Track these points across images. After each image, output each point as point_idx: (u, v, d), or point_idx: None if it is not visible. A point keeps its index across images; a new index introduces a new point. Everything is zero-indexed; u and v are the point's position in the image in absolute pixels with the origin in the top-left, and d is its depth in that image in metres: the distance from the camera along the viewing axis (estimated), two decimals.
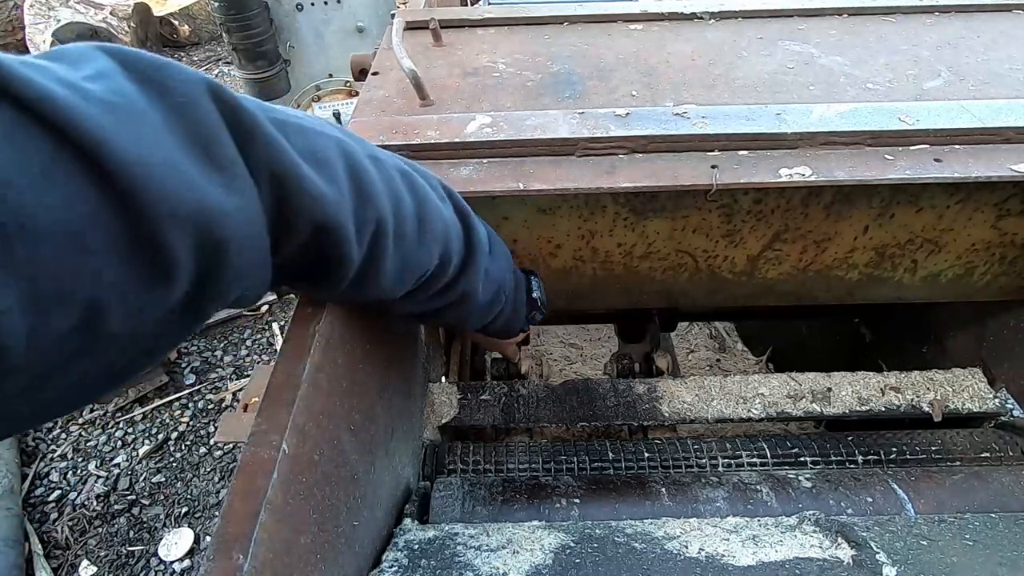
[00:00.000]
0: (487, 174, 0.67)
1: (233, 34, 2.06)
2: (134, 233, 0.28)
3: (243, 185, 0.33)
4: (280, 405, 0.44)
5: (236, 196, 0.32)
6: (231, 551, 0.35)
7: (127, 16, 3.91)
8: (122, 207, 0.27)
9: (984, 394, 0.85)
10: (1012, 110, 0.70)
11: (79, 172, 0.25)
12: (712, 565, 0.54)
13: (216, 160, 0.31)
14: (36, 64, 0.27)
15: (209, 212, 0.30)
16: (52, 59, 0.29)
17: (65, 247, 0.25)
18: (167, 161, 0.29)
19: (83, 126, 0.25)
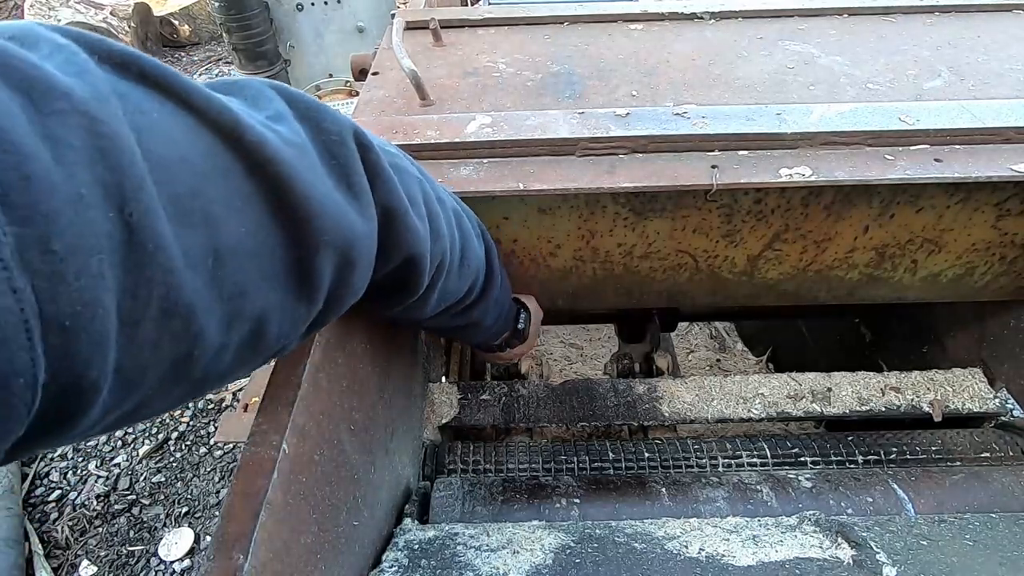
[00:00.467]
0: (487, 174, 0.67)
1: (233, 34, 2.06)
2: (296, 256, 0.32)
3: (370, 213, 0.37)
4: (280, 405, 0.44)
5: (366, 220, 0.36)
6: (231, 551, 0.35)
7: (127, 16, 3.91)
8: (293, 233, 0.31)
9: (984, 394, 0.85)
10: (1012, 110, 0.70)
11: (268, 203, 0.29)
12: (712, 565, 0.54)
13: (354, 189, 0.35)
14: (244, 109, 0.30)
15: (352, 236, 0.34)
16: (233, 94, 0.33)
17: (248, 266, 0.29)
18: (327, 194, 0.33)
19: (281, 168, 0.29)
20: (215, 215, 0.27)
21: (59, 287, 0.20)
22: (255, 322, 0.31)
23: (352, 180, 0.36)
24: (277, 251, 0.31)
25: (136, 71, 0.25)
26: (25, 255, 0.19)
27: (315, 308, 0.36)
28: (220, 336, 0.29)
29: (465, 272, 0.55)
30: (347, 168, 0.35)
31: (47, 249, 0.19)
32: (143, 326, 0.24)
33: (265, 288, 0.31)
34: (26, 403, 0.20)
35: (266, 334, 0.32)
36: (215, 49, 4.41)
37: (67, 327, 0.20)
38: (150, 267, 0.23)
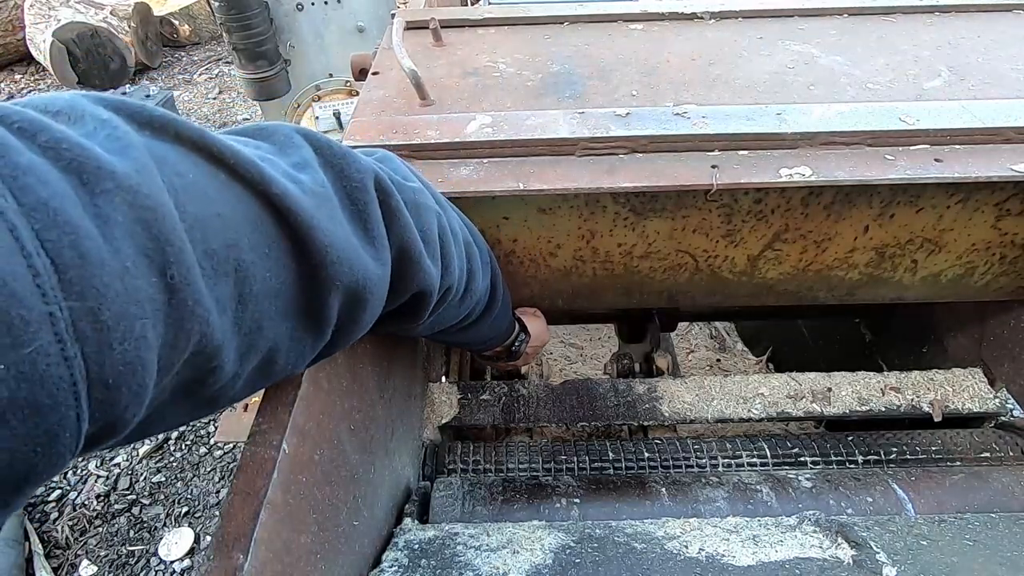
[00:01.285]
0: (487, 174, 0.67)
1: (233, 34, 2.06)
2: (309, 295, 0.34)
3: (385, 257, 0.39)
4: (280, 405, 0.44)
5: (380, 264, 0.38)
6: (231, 551, 0.35)
7: (127, 16, 3.91)
8: (309, 276, 0.33)
9: (984, 394, 0.85)
10: (1012, 110, 0.70)
11: (291, 250, 0.32)
12: (712, 565, 0.54)
13: (371, 234, 0.38)
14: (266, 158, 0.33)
15: (365, 279, 0.36)
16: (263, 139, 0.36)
17: (266, 305, 0.32)
18: (345, 239, 0.35)
19: (302, 217, 0.32)
20: (245, 263, 0.29)
21: (106, 352, 0.22)
22: (267, 352, 0.34)
23: (369, 225, 0.38)
24: (293, 291, 0.33)
25: (172, 133, 0.28)
26: (78, 326, 0.20)
27: (322, 341, 0.38)
28: (235, 366, 0.31)
29: (467, 302, 0.57)
30: (366, 214, 0.38)
31: (97, 320, 0.21)
32: (174, 368, 0.26)
33: (279, 323, 0.33)
34: (71, 450, 0.22)
35: (276, 363, 0.35)
36: (215, 49, 4.40)
37: (110, 384, 0.22)
38: (189, 320, 0.25)
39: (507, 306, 0.73)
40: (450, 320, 0.59)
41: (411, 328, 0.53)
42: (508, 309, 0.74)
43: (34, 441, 0.20)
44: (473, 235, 0.60)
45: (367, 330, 0.43)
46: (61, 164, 0.21)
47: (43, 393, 0.20)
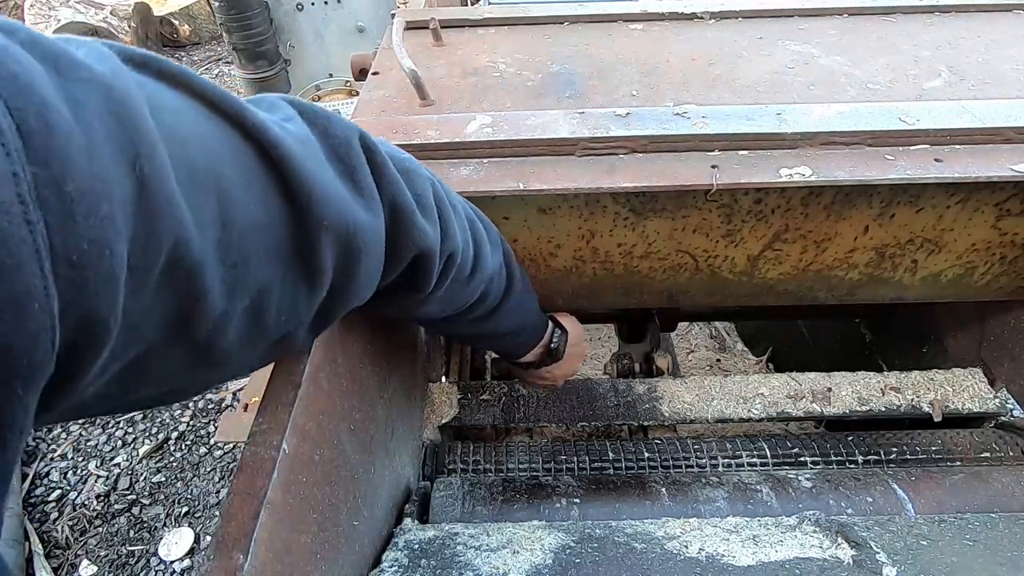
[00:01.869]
0: (487, 174, 0.67)
1: (233, 34, 2.06)
2: (298, 236, 0.34)
3: (376, 208, 0.39)
4: (280, 405, 0.44)
5: (372, 214, 0.39)
6: (231, 551, 0.35)
7: (127, 16, 3.91)
8: (296, 214, 0.33)
9: (984, 394, 0.85)
10: (1012, 110, 0.70)
11: (274, 185, 0.32)
12: (712, 565, 0.54)
13: (359, 186, 0.38)
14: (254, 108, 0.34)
15: (354, 223, 0.36)
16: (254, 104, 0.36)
17: (253, 239, 0.31)
18: (330, 183, 0.35)
19: (284, 152, 0.32)
20: (227, 189, 0.30)
21: (69, 224, 0.22)
22: (256, 294, 0.33)
23: (357, 178, 0.38)
24: (280, 229, 0.33)
25: (155, 69, 0.28)
26: (41, 192, 0.21)
27: (318, 292, 0.37)
28: (222, 301, 0.31)
29: (477, 278, 0.56)
30: (352, 167, 0.38)
31: (61, 190, 0.22)
32: (149, 276, 0.26)
33: (267, 262, 0.33)
34: (46, 329, 0.22)
35: (268, 310, 0.34)
36: (215, 49, 4.40)
37: (75, 261, 0.22)
38: (159, 219, 0.26)
39: (530, 294, 0.71)
40: (464, 299, 0.57)
41: (420, 302, 0.51)
42: (533, 298, 0.72)
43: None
44: (479, 216, 0.59)
45: (367, 292, 0.42)
46: (38, 52, 0.22)
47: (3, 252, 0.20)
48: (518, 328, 0.71)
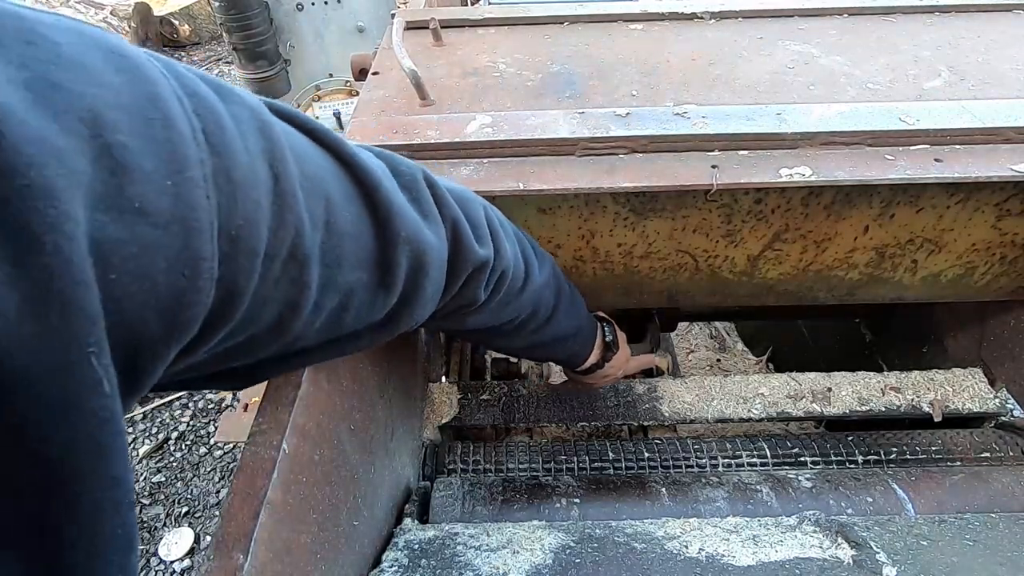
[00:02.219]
0: (487, 174, 0.67)
1: (233, 34, 2.06)
2: (380, 246, 0.39)
3: (440, 232, 0.44)
4: (280, 405, 0.44)
5: (436, 234, 0.44)
6: (231, 551, 0.35)
7: (128, 16, 3.91)
8: (379, 228, 0.39)
9: (984, 394, 0.85)
10: (1012, 110, 0.70)
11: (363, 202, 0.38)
12: (712, 565, 0.54)
13: (425, 211, 0.44)
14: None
15: (423, 241, 0.42)
16: None
17: (346, 244, 0.37)
18: (404, 205, 0.41)
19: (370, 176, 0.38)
20: (331, 197, 0.35)
21: (232, 204, 0.28)
22: (344, 295, 0.38)
23: (423, 204, 0.44)
24: (367, 239, 0.39)
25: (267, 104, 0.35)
26: (215, 177, 0.27)
27: (391, 300, 0.42)
28: (317, 294, 0.35)
29: (528, 291, 0.59)
30: (418, 196, 0.44)
31: (229, 177, 0.28)
32: (275, 263, 0.32)
33: (356, 267, 0.38)
34: (207, 291, 0.27)
35: (348, 311, 0.39)
36: (215, 49, 4.40)
37: (232, 235, 0.28)
38: (288, 213, 0.32)
39: (578, 298, 0.73)
40: (517, 312, 0.60)
41: (469, 313, 0.55)
42: (581, 302, 0.74)
43: (182, 262, 0.25)
44: (524, 234, 0.63)
45: (429, 309, 0.47)
46: (207, 82, 0.29)
47: (192, 216, 0.25)
48: (575, 331, 0.73)
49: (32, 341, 0.20)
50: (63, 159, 0.21)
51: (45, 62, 0.22)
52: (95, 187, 0.22)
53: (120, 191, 0.23)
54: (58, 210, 0.20)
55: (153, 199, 0.24)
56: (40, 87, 0.21)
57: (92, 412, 0.22)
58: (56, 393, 0.21)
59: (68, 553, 0.23)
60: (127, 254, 0.23)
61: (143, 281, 0.24)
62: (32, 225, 0.19)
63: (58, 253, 0.20)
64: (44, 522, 0.22)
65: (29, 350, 0.20)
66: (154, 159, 0.24)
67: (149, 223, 0.24)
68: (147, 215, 0.24)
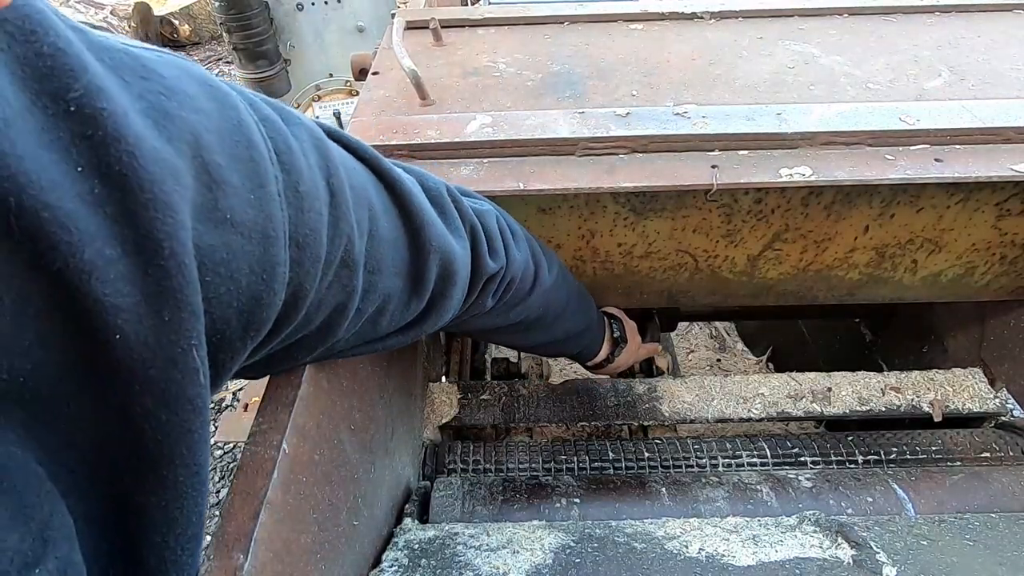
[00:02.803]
0: (487, 174, 0.67)
1: (233, 34, 2.06)
2: (414, 256, 0.42)
3: (464, 244, 0.47)
4: (280, 405, 0.44)
5: (460, 244, 0.47)
6: (231, 551, 0.35)
7: (128, 16, 3.91)
8: (413, 237, 0.42)
9: (984, 394, 0.85)
10: (1012, 110, 0.70)
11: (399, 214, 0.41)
12: (712, 565, 0.54)
13: (451, 224, 0.47)
14: None
15: (450, 250, 0.45)
16: None
17: (385, 252, 0.40)
18: (433, 216, 0.44)
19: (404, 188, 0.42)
20: (374, 207, 0.39)
21: (299, 215, 0.31)
22: (382, 300, 0.41)
23: (448, 217, 0.47)
24: (403, 248, 0.42)
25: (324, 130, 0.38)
26: (286, 192, 0.30)
27: (420, 305, 0.45)
28: (360, 299, 0.38)
29: (537, 293, 0.61)
30: (444, 209, 0.46)
31: (297, 191, 0.31)
32: (331, 268, 0.34)
33: (394, 275, 0.41)
34: (280, 293, 0.30)
35: (384, 315, 0.42)
36: (215, 49, 4.40)
37: (300, 242, 0.31)
38: (342, 222, 0.34)
39: (587, 297, 0.76)
40: (525, 313, 0.62)
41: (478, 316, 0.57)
42: (589, 300, 0.77)
43: (262, 267, 0.28)
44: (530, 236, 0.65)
45: (452, 314, 0.50)
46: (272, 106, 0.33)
47: (270, 226, 0.29)
48: (584, 328, 0.76)
49: (150, 334, 0.23)
50: (177, 176, 0.24)
51: (158, 93, 0.25)
52: (196, 200, 0.25)
53: (215, 203, 0.26)
54: (175, 220, 0.23)
55: (240, 211, 0.27)
56: (156, 115, 0.24)
57: (189, 400, 0.25)
58: (165, 382, 0.24)
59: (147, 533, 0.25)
60: (219, 259, 0.26)
61: (230, 283, 0.27)
62: (155, 233, 0.22)
63: (174, 257, 0.23)
64: (131, 501, 0.25)
65: (146, 343, 0.23)
66: (240, 176, 0.27)
67: (237, 232, 0.27)
68: (236, 225, 0.27)
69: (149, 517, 0.25)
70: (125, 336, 0.22)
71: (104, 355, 0.22)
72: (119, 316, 0.22)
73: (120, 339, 0.22)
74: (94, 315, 0.21)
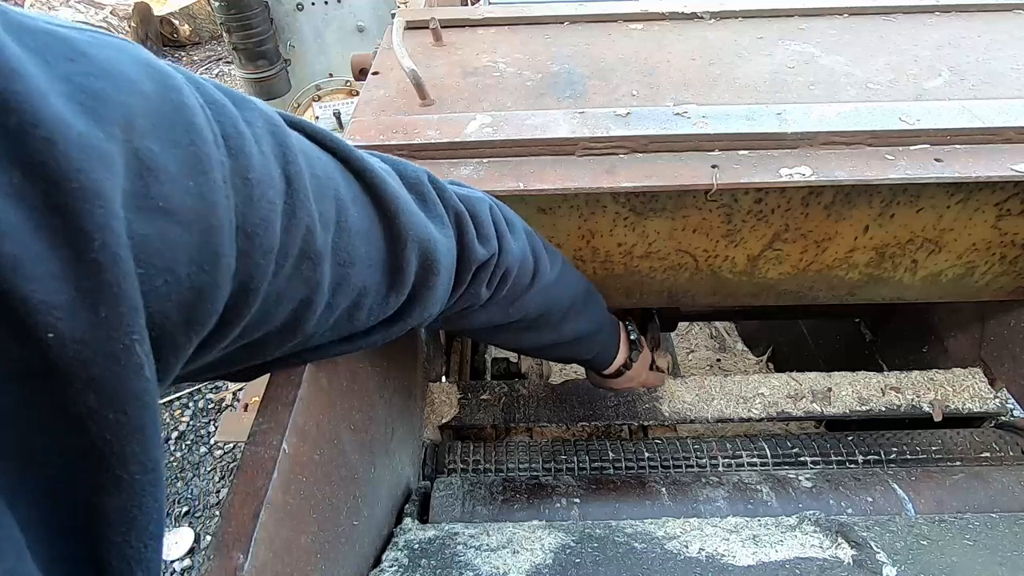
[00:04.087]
0: (487, 174, 0.67)
1: (233, 34, 2.06)
2: (390, 246, 0.40)
3: (447, 231, 0.45)
4: (280, 405, 0.44)
5: (443, 233, 0.44)
6: (231, 551, 0.35)
7: (128, 16, 3.91)
8: (388, 227, 0.40)
9: (984, 394, 0.85)
10: (1012, 110, 0.70)
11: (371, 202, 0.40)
12: (712, 565, 0.54)
13: (432, 211, 0.45)
14: None
15: (431, 239, 0.42)
16: None
17: (357, 244, 0.38)
18: (410, 203, 0.42)
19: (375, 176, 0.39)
20: (341, 198, 0.37)
21: (248, 204, 0.29)
22: (357, 294, 0.39)
23: (429, 206, 0.45)
24: (378, 240, 0.40)
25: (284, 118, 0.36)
26: (233, 179, 0.28)
27: (401, 297, 0.43)
28: (330, 293, 0.37)
29: (537, 287, 0.58)
30: (424, 196, 0.45)
31: (245, 178, 0.29)
32: (288, 260, 0.33)
33: (369, 267, 0.39)
34: (225, 286, 0.28)
35: (362, 307, 0.40)
36: (215, 49, 4.40)
37: (248, 232, 0.29)
38: (300, 211, 0.33)
39: (596, 295, 0.71)
40: (524, 310, 0.59)
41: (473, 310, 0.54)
42: (599, 300, 0.72)
43: (203, 257, 0.27)
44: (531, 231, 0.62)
45: (438, 307, 0.47)
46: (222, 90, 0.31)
47: (213, 214, 0.27)
48: (595, 329, 0.71)
49: (87, 331, 0.22)
50: (107, 162, 0.22)
51: (86, 75, 0.23)
52: (126, 187, 0.24)
53: (147, 191, 0.24)
54: (106, 209, 0.22)
55: (177, 198, 0.26)
56: (83, 98, 0.23)
57: (136, 396, 0.24)
58: (108, 380, 0.23)
59: (106, 534, 0.25)
60: (153, 250, 0.25)
61: (167, 275, 0.25)
62: (84, 224, 0.21)
63: (106, 249, 0.22)
64: (87, 503, 0.24)
65: (84, 340, 0.22)
66: (177, 161, 0.26)
67: (173, 220, 0.25)
68: (171, 213, 0.25)
69: (107, 519, 0.24)
70: (60, 334, 0.21)
71: (39, 355, 0.21)
72: (51, 314, 0.21)
73: (54, 337, 0.21)
74: (22, 314, 0.20)
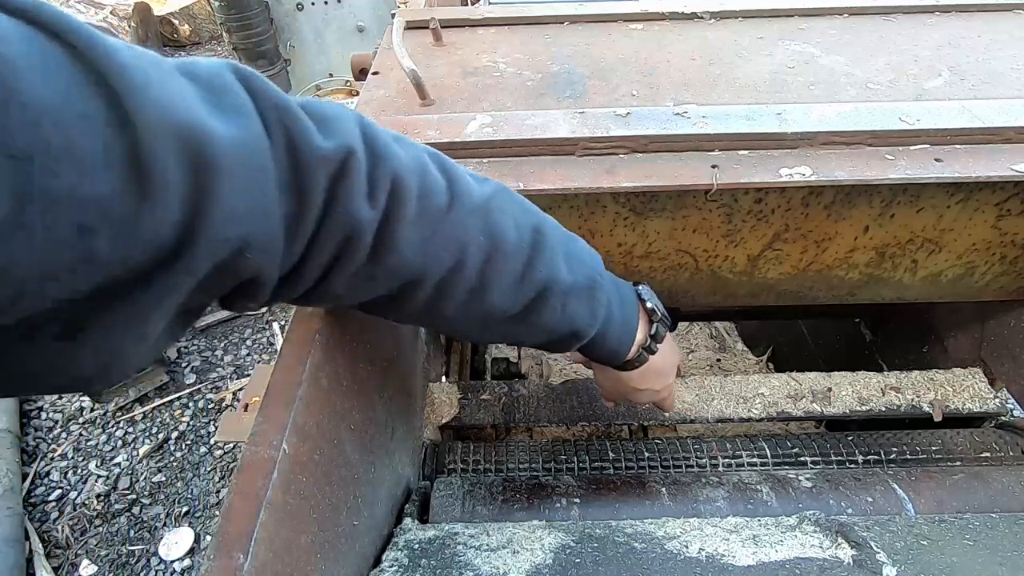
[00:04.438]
0: (487, 174, 0.67)
1: (234, 34, 2.06)
2: (122, 138, 0.29)
3: (244, 121, 0.34)
4: (280, 405, 0.44)
5: (232, 126, 0.33)
6: (231, 551, 0.35)
7: (128, 16, 3.91)
8: (111, 104, 0.28)
9: (984, 394, 0.85)
10: (1012, 110, 0.70)
11: (88, 75, 0.28)
12: (712, 565, 0.54)
13: (218, 101, 0.34)
14: None
15: (192, 126, 0.31)
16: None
17: (55, 129, 0.26)
18: (153, 80, 0.30)
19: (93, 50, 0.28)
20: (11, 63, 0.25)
21: None
22: (79, 211, 0.28)
23: (220, 97, 0.34)
24: (93, 125, 0.28)
25: None
26: None
27: (165, 212, 0.31)
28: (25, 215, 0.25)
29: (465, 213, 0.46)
30: (215, 89, 0.34)
31: None
32: None
33: (72, 163, 0.27)
34: None
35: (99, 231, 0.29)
36: (215, 49, 4.40)
37: None
38: None
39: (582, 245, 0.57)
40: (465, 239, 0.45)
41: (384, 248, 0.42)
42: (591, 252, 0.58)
43: None
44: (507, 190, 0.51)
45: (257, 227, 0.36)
46: None
47: None
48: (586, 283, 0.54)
49: None
50: None
51: None
52: None
53: None
54: None
55: None
56: None
57: None
58: None
59: None
60: None
61: None
62: None
63: None
64: None
65: None
66: None
67: None
68: None
69: None
70: None
71: None
72: None
73: None
74: None
